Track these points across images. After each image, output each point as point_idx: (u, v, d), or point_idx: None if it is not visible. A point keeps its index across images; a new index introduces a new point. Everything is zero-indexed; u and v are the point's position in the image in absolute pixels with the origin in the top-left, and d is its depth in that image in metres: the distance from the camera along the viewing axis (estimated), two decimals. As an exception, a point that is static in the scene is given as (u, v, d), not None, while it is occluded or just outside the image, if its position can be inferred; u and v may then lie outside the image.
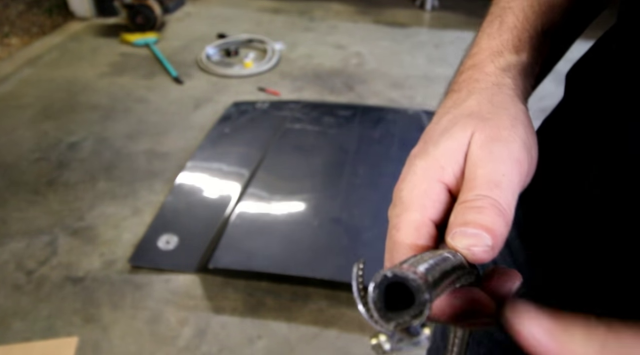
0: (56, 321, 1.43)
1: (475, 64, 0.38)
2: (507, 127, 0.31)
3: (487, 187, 0.27)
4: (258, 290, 1.52)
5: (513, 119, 0.32)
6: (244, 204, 1.72)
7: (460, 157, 0.31)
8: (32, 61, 2.90)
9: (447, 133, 0.32)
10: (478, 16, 0.44)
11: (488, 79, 0.36)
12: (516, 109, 0.33)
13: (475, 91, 0.35)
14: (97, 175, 2.01)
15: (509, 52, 0.38)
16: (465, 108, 0.33)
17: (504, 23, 0.40)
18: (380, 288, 0.20)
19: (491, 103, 0.33)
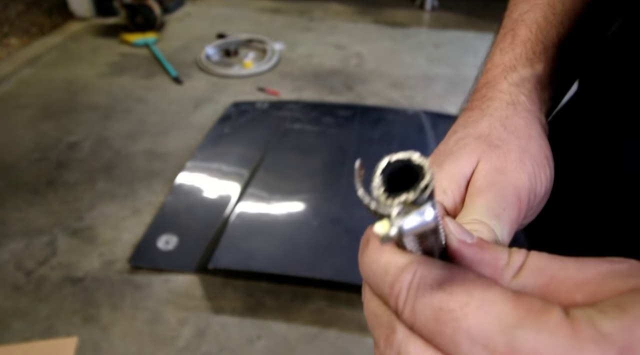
0: (56, 321, 1.43)
1: (488, 81, 0.37)
2: (515, 160, 0.30)
3: (487, 216, 0.26)
4: (258, 291, 1.52)
5: (522, 150, 0.30)
6: (244, 204, 1.72)
7: (462, 183, 0.30)
8: (32, 61, 2.89)
9: (453, 156, 0.31)
10: (477, 16, 0.44)
11: (502, 98, 0.35)
12: (529, 136, 0.32)
13: (488, 112, 0.34)
14: (97, 175, 2.00)
15: (523, 66, 0.37)
16: (475, 129, 0.32)
17: (516, 36, 0.39)
18: (385, 173, 0.19)
19: (504, 127, 0.32)
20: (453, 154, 0.31)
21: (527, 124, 0.33)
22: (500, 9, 0.44)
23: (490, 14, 3.55)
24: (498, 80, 0.36)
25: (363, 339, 1.39)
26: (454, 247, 0.20)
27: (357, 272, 0.93)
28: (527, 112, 0.34)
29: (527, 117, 0.33)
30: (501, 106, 0.34)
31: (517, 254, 0.20)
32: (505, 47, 0.38)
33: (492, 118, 0.33)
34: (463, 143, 0.31)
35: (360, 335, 1.39)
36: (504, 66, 0.37)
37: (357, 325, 1.42)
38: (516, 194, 0.28)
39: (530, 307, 0.17)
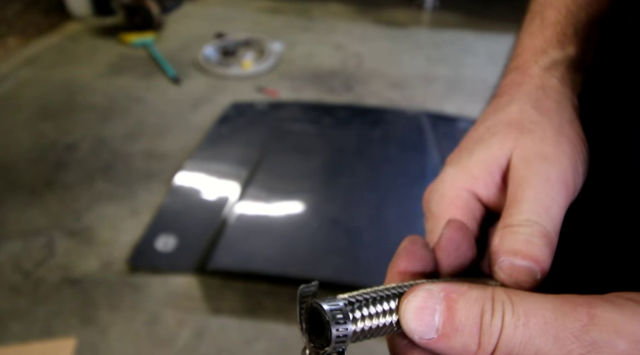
0: (54, 322, 1.42)
1: (518, 65, 0.36)
2: (552, 143, 0.29)
3: (537, 212, 0.26)
4: (256, 292, 1.51)
5: (557, 132, 0.30)
6: (243, 205, 1.71)
7: (495, 170, 0.29)
8: (30, 61, 2.89)
9: (484, 143, 0.30)
10: (477, 16, 0.43)
11: (532, 82, 0.34)
12: (561, 117, 0.31)
13: (518, 96, 0.33)
14: (95, 176, 2.00)
15: (554, 49, 0.36)
16: (505, 115, 0.32)
17: (545, 19, 0.38)
18: (305, 310, 0.21)
19: (535, 109, 0.31)
20: (484, 141, 0.30)
21: (559, 106, 0.32)
22: (500, 9, 0.44)
23: (490, 14, 3.55)
24: (529, 65, 0.35)
25: (363, 340, 1.38)
26: (420, 344, 0.21)
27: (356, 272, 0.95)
28: (559, 94, 0.33)
29: (558, 100, 0.32)
30: (531, 90, 0.33)
31: (487, 336, 0.20)
32: (534, 31, 0.37)
33: (522, 101, 0.32)
34: (494, 130, 0.31)
35: (359, 337, 1.39)
36: (534, 50, 0.36)
37: (356, 327, 1.41)
38: (562, 180, 0.27)
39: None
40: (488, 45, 3.16)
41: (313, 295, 0.22)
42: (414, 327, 0.21)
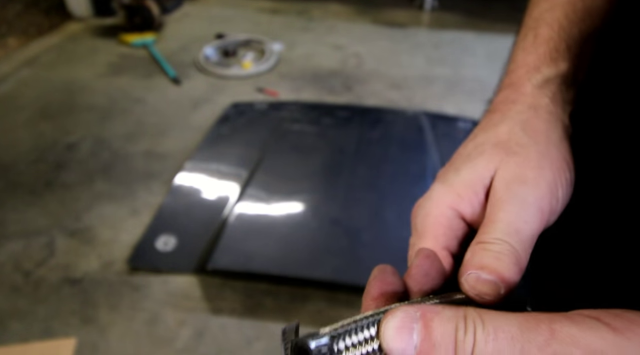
0: (54, 322, 1.42)
1: (512, 82, 0.37)
2: (534, 168, 0.30)
3: (507, 232, 0.27)
4: (256, 292, 1.52)
5: (541, 156, 0.31)
6: (243, 205, 1.71)
7: (480, 189, 0.30)
8: (30, 62, 2.89)
9: (470, 162, 0.31)
10: (477, 16, 0.44)
11: (524, 101, 0.35)
12: (548, 140, 0.32)
13: (509, 115, 0.34)
14: (95, 176, 2.00)
15: (547, 66, 0.37)
16: (494, 135, 0.33)
17: (538, 36, 0.38)
18: (291, 349, 0.22)
19: (523, 131, 0.32)
20: (471, 160, 0.32)
21: (548, 127, 0.33)
22: (500, 10, 0.44)
23: (489, 15, 3.55)
24: (522, 82, 0.36)
25: (362, 340, 1.38)
26: None
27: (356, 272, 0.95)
28: (550, 114, 0.34)
29: (549, 120, 0.33)
30: (523, 109, 0.34)
31: (462, 352, 0.21)
32: (528, 47, 0.38)
33: (512, 122, 0.33)
34: (482, 149, 0.32)
35: (359, 336, 1.39)
36: (527, 67, 0.37)
37: (356, 326, 1.41)
38: (537, 205, 0.29)
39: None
40: (487, 45, 3.17)
41: (296, 333, 0.23)
42: (394, 346, 0.21)
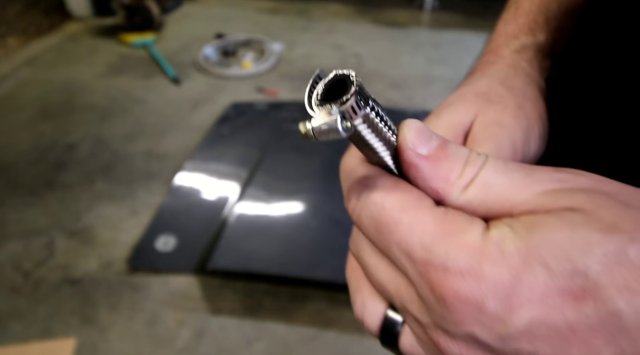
0: (53, 322, 1.42)
1: (492, 48, 0.40)
2: (511, 115, 0.32)
3: None
4: (256, 292, 1.51)
5: (518, 107, 0.32)
6: (243, 205, 1.71)
7: (460, 132, 0.31)
8: (30, 62, 2.89)
9: (452, 107, 0.33)
10: (477, 16, 0.46)
11: (503, 62, 0.37)
12: (525, 95, 0.34)
13: (489, 73, 0.36)
14: (95, 176, 2.00)
15: (525, 35, 0.39)
16: (475, 86, 0.34)
17: (519, 8, 0.41)
18: (320, 81, 0.22)
19: (502, 85, 0.34)
20: (452, 105, 0.33)
21: (525, 85, 0.35)
22: (500, 10, 0.46)
23: (489, 14, 3.55)
24: (501, 48, 0.39)
25: (362, 340, 1.38)
26: (408, 160, 0.22)
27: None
28: (526, 75, 0.36)
29: (525, 80, 0.36)
30: (502, 68, 0.36)
31: (470, 167, 0.22)
32: (509, 19, 0.41)
33: (492, 78, 0.35)
34: (463, 97, 0.34)
35: (359, 336, 1.39)
36: (507, 35, 0.40)
37: (356, 327, 1.41)
38: (512, 147, 0.30)
39: (451, 227, 0.20)
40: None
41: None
42: (411, 137, 0.22)
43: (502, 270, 0.18)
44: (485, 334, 0.19)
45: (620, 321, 0.17)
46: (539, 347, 0.18)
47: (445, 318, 0.20)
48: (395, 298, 0.23)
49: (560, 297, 0.18)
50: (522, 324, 0.18)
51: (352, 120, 0.20)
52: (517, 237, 0.19)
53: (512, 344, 0.19)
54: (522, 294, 0.18)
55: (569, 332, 0.18)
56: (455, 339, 0.20)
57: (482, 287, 0.18)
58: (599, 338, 0.17)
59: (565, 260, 0.18)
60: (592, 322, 0.17)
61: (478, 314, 0.19)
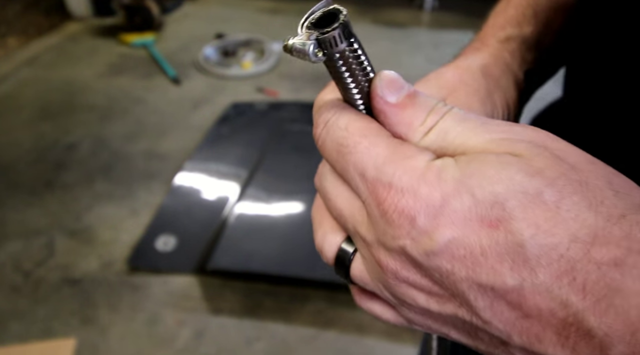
0: (53, 322, 1.42)
1: (479, 37, 0.42)
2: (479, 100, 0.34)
3: None
4: (256, 292, 1.52)
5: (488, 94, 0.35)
6: (243, 205, 1.71)
7: None
8: (30, 62, 2.89)
9: (428, 83, 0.35)
10: (477, 16, 0.47)
11: (487, 50, 0.39)
12: (498, 85, 0.36)
13: (472, 57, 0.38)
14: (95, 176, 2.00)
15: (512, 26, 0.41)
16: (454, 68, 0.37)
17: (510, 1, 0.43)
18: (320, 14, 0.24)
19: (480, 71, 0.37)
20: (429, 81, 0.35)
21: (502, 74, 0.37)
22: (499, 9, 0.47)
23: (489, 15, 3.55)
24: (488, 37, 0.41)
25: (362, 340, 1.38)
26: (377, 107, 0.24)
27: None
28: (506, 65, 0.38)
29: (503, 69, 0.38)
30: (484, 56, 0.38)
31: (433, 115, 0.24)
32: (500, 11, 0.43)
33: (472, 62, 0.37)
34: (440, 75, 0.36)
35: (359, 336, 1.39)
36: (495, 26, 0.42)
37: (356, 326, 1.41)
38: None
39: (402, 153, 0.22)
40: (488, 45, 3.17)
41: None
42: (382, 85, 0.25)
43: (436, 192, 0.21)
44: (414, 248, 0.21)
45: (524, 252, 0.19)
46: (456, 266, 0.21)
47: (385, 232, 0.22)
48: (349, 222, 0.25)
49: (478, 223, 0.20)
50: (443, 242, 0.20)
51: (327, 51, 0.22)
52: (456, 167, 0.21)
53: (435, 260, 0.21)
54: (447, 215, 0.20)
55: (481, 256, 0.20)
56: (392, 254, 0.23)
57: (416, 203, 0.21)
58: (504, 265, 0.20)
59: (489, 192, 0.20)
60: (501, 249, 0.20)
61: (410, 228, 0.21)
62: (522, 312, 0.20)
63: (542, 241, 0.19)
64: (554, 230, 0.19)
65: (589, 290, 0.18)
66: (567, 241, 0.19)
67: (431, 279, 0.22)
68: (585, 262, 0.18)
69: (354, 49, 0.24)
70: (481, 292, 0.20)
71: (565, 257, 0.19)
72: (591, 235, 0.19)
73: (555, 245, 0.19)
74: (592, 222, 0.19)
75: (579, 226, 0.19)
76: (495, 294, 0.20)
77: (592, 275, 0.18)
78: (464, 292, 0.21)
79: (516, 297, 0.20)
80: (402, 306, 0.25)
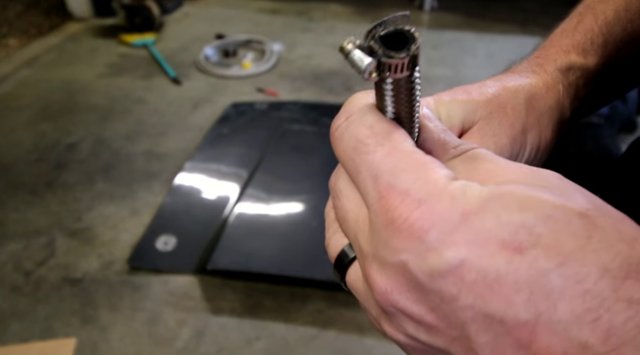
0: (54, 322, 1.43)
1: (540, 56, 0.38)
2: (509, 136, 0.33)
3: None
4: (256, 292, 1.52)
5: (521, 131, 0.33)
6: (243, 205, 1.72)
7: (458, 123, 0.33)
8: (30, 62, 2.89)
9: (467, 97, 0.33)
10: (477, 17, 0.45)
11: (543, 77, 0.36)
12: (539, 121, 0.34)
13: (522, 81, 0.35)
14: (96, 176, 2.00)
15: (576, 54, 0.37)
16: (502, 87, 0.34)
17: (581, 23, 0.39)
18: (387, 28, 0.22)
19: (525, 100, 0.34)
20: (470, 93, 0.33)
21: (547, 111, 0.34)
22: (499, 10, 0.45)
23: (489, 15, 3.56)
24: (548, 60, 0.37)
25: (362, 340, 1.39)
26: (422, 120, 0.25)
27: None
28: (556, 102, 0.35)
29: (551, 106, 0.35)
30: (537, 84, 0.35)
31: (465, 145, 0.24)
32: (568, 30, 0.39)
33: (521, 87, 0.34)
34: (482, 89, 0.34)
35: (359, 336, 1.39)
36: (559, 48, 0.38)
37: (356, 326, 1.42)
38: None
39: (428, 165, 0.21)
40: (487, 46, 3.17)
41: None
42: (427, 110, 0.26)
43: (457, 208, 0.19)
44: (416, 265, 0.19)
45: (546, 283, 0.17)
46: (462, 292, 0.18)
47: (387, 245, 0.20)
48: (351, 228, 0.24)
49: (499, 246, 0.18)
50: (455, 262, 0.18)
51: (383, 74, 0.21)
52: (483, 188, 0.20)
53: (439, 281, 0.19)
54: (465, 234, 0.19)
55: (495, 282, 0.18)
56: (386, 270, 0.21)
57: (432, 217, 0.19)
58: (520, 295, 0.17)
59: (517, 215, 0.18)
60: (520, 277, 0.17)
61: (418, 243, 0.19)
62: (530, 353, 0.17)
63: (569, 272, 0.17)
64: (584, 261, 0.17)
65: (613, 333, 0.16)
66: (596, 274, 0.17)
67: (426, 306, 0.20)
68: (614, 300, 0.16)
69: (411, 80, 0.22)
70: (486, 324, 0.18)
71: (592, 293, 0.16)
72: (624, 269, 0.17)
73: (583, 278, 0.17)
74: (625, 255, 0.17)
75: (611, 258, 0.17)
76: (502, 328, 0.18)
77: (619, 316, 0.16)
78: (464, 322, 0.19)
79: (527, 334, 0.17)
80: (390, 327, 0.23)
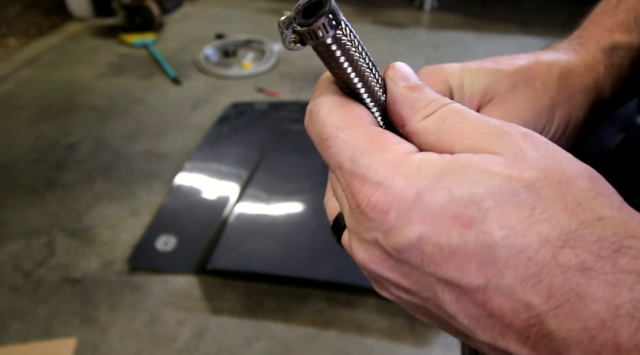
0: (54, 322, 1.43)
1: (582, 35, 0.37)
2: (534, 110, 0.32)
3: None
4: (256, 292, 1.52)
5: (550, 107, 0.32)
6: (243, 205, 1.72)
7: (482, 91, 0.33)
8: (30, 62, 2.89)
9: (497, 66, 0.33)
10: (477, 17, 0.44)
11: (584, 56, 0.35)
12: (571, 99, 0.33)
13: (560, 56, 0.34)
14: (95, 176, 2.00)
15: (620, 33, 0.36)
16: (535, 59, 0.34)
17: (621, 2, 0.38)
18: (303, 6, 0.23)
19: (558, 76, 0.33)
20: (499, 63, 0.33)
21: (582, 90, 0.34)
22: (499, 10, 0.44)
23: (489, 15, 3.55)
24: (591, 40, 0.36)
25: (362, 340, 1.39)
26: (388, 85, 0.26)
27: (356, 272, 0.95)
28: (594, 82, 0.34)
29: (588, 85, 0.34)
30: (576, 60, 0.34)
31: (435, 103, 0.25)
32: (609, 10, 0.38)
33: (557, 62, 0.34)
34: (512, 63, 0.33)
35: (359, 336, 1.39)
36: (602, 27, 0.37)
37: (356, 326, 1.42)
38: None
39: (380, 145, 0.23)
40: (487, 45, 3.17)
41: None
42: (393, 75, 0.26)
43: (411, 186, 0.21)
44: (384, 241, 0.22)
45: (493, 254, 0.19)
46: (424, 262, 0.21)
47: (360, 224, 0.23)
48: (339, 202, 0.26)
49: (451, 221, 0.20)
50: (413, 237, 0.21)
51: (313, 41, 0.22)
52: (438, 163, 0.21)
53: (404, 253, 0.21)
54: (420, 211, 0.20)
55: (449, 254, 0.20)
56: (364, 245, 0.23)
57: (389, 197, 0.21)
58: (471, 264, 0.20)
59: (467, 191, 0.20)
60: (470, 249, 0.20)
61: (381, 223, 0.21)
62: (486, 311, 0.20)
63: (513, 243, 0.19)
64: (526, 232, 0.19)
65: (553, 294, 0.18)
66: (537, 244, 0.19)
67: (400, 273, 0.22)
68: (553, 266, 0.18)
69: (341, 43, 0.23)
70: (448, 287, 0.21)
71: (534, 260, 0.19)
72: (562, 238, 0.19)
73: (526, 248, 0.19)
74: (565, 224, 0.19)
75: (552, 228, 0.19)
76: (461, 290, 0.20)
77: (557, 280, 0.18)
78: (432, 285, 0.21)
79: (481, 296, 0.20)
80: (377, 287, 0.26)
